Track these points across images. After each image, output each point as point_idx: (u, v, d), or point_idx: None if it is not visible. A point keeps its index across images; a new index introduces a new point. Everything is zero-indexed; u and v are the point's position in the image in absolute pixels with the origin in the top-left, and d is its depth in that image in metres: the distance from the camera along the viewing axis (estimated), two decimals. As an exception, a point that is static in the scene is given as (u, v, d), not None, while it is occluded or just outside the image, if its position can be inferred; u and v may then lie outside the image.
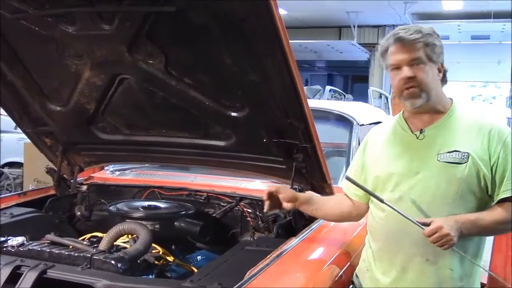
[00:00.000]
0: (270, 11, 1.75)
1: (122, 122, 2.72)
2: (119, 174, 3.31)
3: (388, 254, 1.97)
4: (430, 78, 1.86)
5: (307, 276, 1.90)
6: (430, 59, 1.85)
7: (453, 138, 1.87)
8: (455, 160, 1.83)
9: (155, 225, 2.52)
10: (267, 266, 1.82)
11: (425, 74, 1.85)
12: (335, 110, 3.47)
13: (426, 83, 1.85)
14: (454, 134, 1.88)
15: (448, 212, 1.82)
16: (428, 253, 1.85)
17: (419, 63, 1.84)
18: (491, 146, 1.82)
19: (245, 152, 2.58)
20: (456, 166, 1.82)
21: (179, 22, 2.00)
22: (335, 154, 3.59)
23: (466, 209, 1.84)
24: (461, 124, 1.89)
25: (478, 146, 1.83)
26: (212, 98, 2.32)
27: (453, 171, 1.82)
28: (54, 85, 2.60)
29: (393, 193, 1.93)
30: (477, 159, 1.81)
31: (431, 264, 1.87)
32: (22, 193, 3.01)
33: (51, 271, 1.85)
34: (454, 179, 1.82)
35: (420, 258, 1.88)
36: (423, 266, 1.89)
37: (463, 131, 1.87)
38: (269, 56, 1.93)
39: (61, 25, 2.17)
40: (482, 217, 1.82)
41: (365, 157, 2.09)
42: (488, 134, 1.84)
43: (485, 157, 1.82)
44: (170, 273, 2.30)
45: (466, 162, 1.81)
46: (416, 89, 1.86)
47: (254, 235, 2.67)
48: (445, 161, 1.84)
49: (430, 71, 1.86)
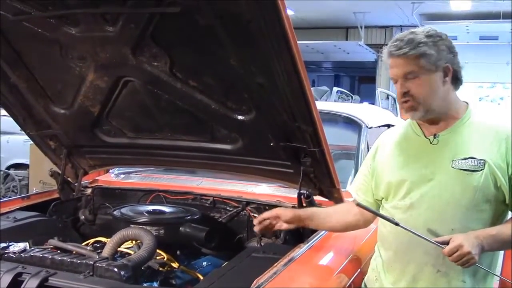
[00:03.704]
0: (278, 12, 1.70)
1: (127, 125, 2.68)
2: (124, 178, 3.27)
3: (399, 264, 1.91)
4: (427, 90, 1.79)
5: (316, 285, 1.85)
6: (427, 69, 1.77)
7: (469, 144, 1.80)
8: (471, 167, 1.76)
9: (159, 231, 2.48)
10: (275, 274, 1.77)
11: (420, 87, 1.78)
12: (343, 112, 3.42)
13: (422, 97, 1.79)
14: (469, 139, 1.80)
15: (461, 221, 1.76)
16: (439, 264, 1.79)
17: (414, 77, 1.78)
18: (509, 153, 1.75)
19: (251, 156, 2.53)
20: (472, 174, 1.75)
21: (184, 24, 1.95)
22: (343, 157, 3.54)
23: (480, 218, 1.77)
24: (477, 130, 1.82)
25: (494, 153, 1.76)
26: (218, 101, 2.27)
27: (469, 179, 1.75)
28: (58, 88, 2.56)
29: (405, 200, 1.87)
30: (494, 166, 1.74)
31: (442, 275, 1.81)
32: (26, 197, 2.97)
33: (52, 279, 1.80)
34: (469, 187, 1.75)
35: (432, 269, 1.82)
36: (434, 277, 1.83)
37: (479, 137, 1.80)
38: (276, 58, 1.87)
39: (64, 27, 2.13)
40: (502, 231, 1.75)
41: (375, 162, 2.03)
42: (506, 141, 1.76)
43: (502, 165, 1.75)
44: (175, 280, 2.26)
45: (482, 169, 1.74)
46: (412, 103, 1.80)
47: (260, 241, 2.62)
48: (460, 168, 1.77)
49: (426, 82, 1.78)
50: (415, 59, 1.76)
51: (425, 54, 1.76)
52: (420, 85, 1.78)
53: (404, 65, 1.78)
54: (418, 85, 1.78)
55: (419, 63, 1.76)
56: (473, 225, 1.77)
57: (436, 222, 1.79)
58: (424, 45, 1.76)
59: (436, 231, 1.79)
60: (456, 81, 1.84)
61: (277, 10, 1.69)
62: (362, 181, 2.07)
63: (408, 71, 1.78)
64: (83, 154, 2.97)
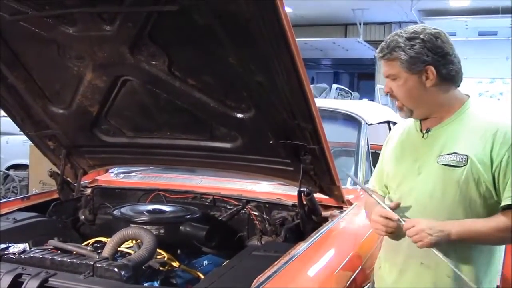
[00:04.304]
0: (277, 10, 1.69)
1: (125, 125, 2.67)
2: (123, 177, 3.26)
3: (391, 254, 1.95)
4: (405, 92, 1.82)
5: (317, 284, 1.84)
6: (403, 72, 1.79)
7: (455, 140, 1.78)
8: (453, 162, 1.75)
9: (160, 230, 2.47)
10: (275, 273, 1.76)
11: (399, 89, 1.82)
12: (343, 109, 3.41)
13: (404, 98, 1.83)
14: (457, 135, 1.79)
15: (446, 217, 1.75)
16: (423, 256, 1.79)
17: (394, 78, 1.82)
18: (495, 149, 1.71)
19: (251, 154, 2.53)
20: (454, 169, 1.75)
21: (182, 22, 1.94)
22: (343, 154, 3.54)
23: (468, 215, 1.75)
24: (467, 125, 1.80)
25: (479, 149, 1.73)
26: (217, 100, 2.26)
27: (450, 174, 1.75)
28: (56, 88, 2.55)
29: (396, 192, 1.92)
30: (477, 162, 1.72)
31: (426, 268, 1.82)
32: (25, 197, 2.96)
33: (52, 280, 1.80)
34: (451, 183, 1.75)
35: (415, 261, 1.84)
36: (419, 270, 1.85)
37: (467, 132, 1.78)
38: (275, 56, 1.87)
39: (62, 26, 2.12)
40: (479, 223, 1.73)
41: (383, 153, 2.08)
42: (493, 136, 1.72)
43: (486, 160, 1.72)
44: (176, 279, 2.25)
45: (464, 165, 1.73)
46: (398, 102, 1.86)
47: (261, 239, 2.61)
48: (443, 163, 1.77)
49: (404, 85, 1.80)
50: (392, 62, 1.80)
51: (398, 58, 1.78)
52: (399, 87, 1.83)
53: (385, 67, 1.85)
54: (398, 86, 1.83)
55: (401, 66, 1.79)
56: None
57: (421, 216, 1.79)
58: (399, 49, 1.78)
59: None
60: (447, 80, 1.81)
61: (276, 9, 1.68)
62: (378, 172, 2.11)
63: (388, 73, 1.84)
64: (82, 154, 2.96)
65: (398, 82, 1.81)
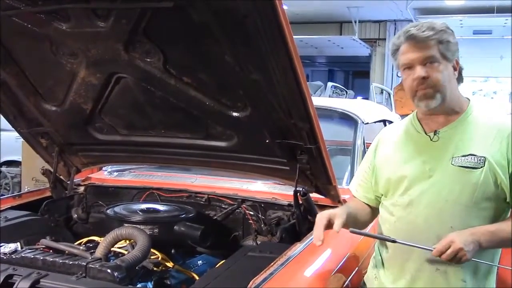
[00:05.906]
0: (274, 7, 1.66)
1: (119, 122, 2.64)
2: (117, 175, 3.23)
3: (398, 262, 1.88)
4: (445, 77, 1.76)
5: (314, 285, 1.82)
6: (445, 57, 1.75)
7: (469, 141, 1.77)
8: (470, 164, 1.73)
9: (154, 229, 2.43)
10: (272, 275, 1.73)
11: (439, 73, 1.74)
12: (339, 108, 3.39)
13: (441, 84, 1.75)
14: (470, 136, 1.77)
15: (461, 219, 1.73)
16: (438, 262, 1.75)
17: (433, 62, 1.74)
18: (509, 150, 1.72)
19: (247, 153, 2.50)
20: (471, 171, 1.72)
21: (178, 19, 1.91)
22: (339, 153, 3.52)
23: (481, 216, 1.74)
24: (478, 126, 1.79)
25: (495, 150, 1.73)
26: (213, 98, 2.23)
27: (468, 176, 1.73)
28: (49, 84, 2.51)
29: (403, 197, 1.85)
30: (494, 164, 1.71)
31: (441, 274, 1.78)
32: (17, 195, 2.92)
33: (44, 281, 1.76)
34: (469, 185, 1.73)
35: (430, 267, 1.79)
36: (433, 276, 1.80)
37: (480, 134, 1.77)
38: (272, 54, 1.84)
39: (55, 22, 2.08)
40: (502, 228, 1.72)
41: (376, 158, 2.00)
42: (508, 138, 1.73)
43: (503, 162, 1.72)
44: (170, 279, 2.22)
45: (482, 167, 1.71)
46: (430, 90, 1.75)
47: (256, 239, 2.59)
48: (460, 165, 1.74)
49: (445, 70, 1.75)
50: (437, 45, 1.74)
51: (447, 41, 1.75)
52: (440, 72, 1.75)
53: (425, 49, 1.74)
54: (438, 71, 1.75)
55: (440, 49, 1.74)
56: (473, 223, 1.73)
57: (435, 220, 1.76)
58: (445, 33, 1.75)
59: (435, 228, 1.76)
60: (459, 77, 1.83)
61: (274, 6, 1.65)
62: (363, 177, 2.04)
63: (429, 55, 1.74)
64: (75, 152, 2.92)
65: (438, 66, 1.74)
